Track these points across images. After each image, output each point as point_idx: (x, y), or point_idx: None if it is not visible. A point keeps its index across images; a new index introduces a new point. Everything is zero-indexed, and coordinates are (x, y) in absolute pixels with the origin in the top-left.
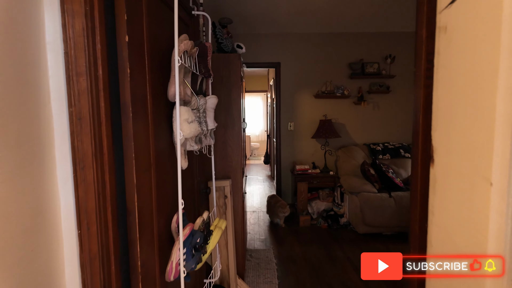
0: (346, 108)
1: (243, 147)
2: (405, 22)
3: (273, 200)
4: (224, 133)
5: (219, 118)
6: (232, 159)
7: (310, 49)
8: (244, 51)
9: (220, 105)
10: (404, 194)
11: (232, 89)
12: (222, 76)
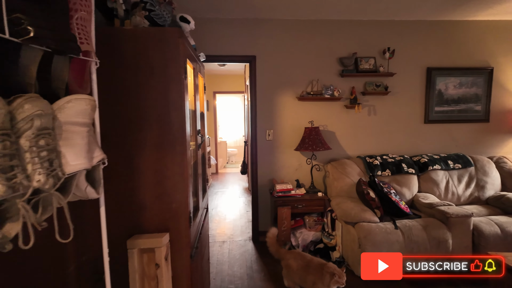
0: (336, 113)
1: (198, 175)
2: (407, 8)
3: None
4: (158, 157)
5: (147, 133)
6: (173, 199)
7: (292, 40)
8: (192, 26)
9: (146, 112)
10: (412, 223)
11: (170, 86)
12: (153, 65)
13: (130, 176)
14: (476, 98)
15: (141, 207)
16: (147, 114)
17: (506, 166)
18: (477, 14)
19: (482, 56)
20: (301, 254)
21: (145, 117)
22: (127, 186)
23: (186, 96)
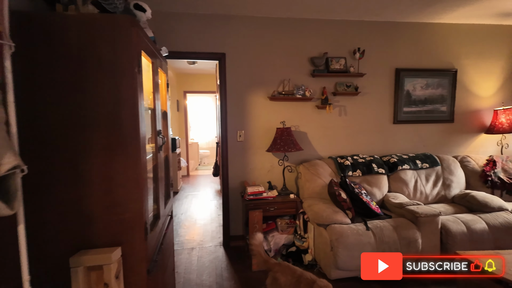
0: (308, 113)
1: (159, 179)
2: (376, 8)
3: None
4: (108, 162)
5: (94, 134)
6: (126, 208)
7: (263, 38)
8: (149, 16)
9: (94, 111)
10: (383, 224)
11: (122, 80)
12: (101, 56)
13: (75, 184)
14: (442, 99)
15: (89, 219)
16: (94, 112)
17: (470, 165)
18: (442, 17)
19: (447, 58)
20: (291, 268)
21: (92, 115)
22: (72, 196)
23: (141, 92)
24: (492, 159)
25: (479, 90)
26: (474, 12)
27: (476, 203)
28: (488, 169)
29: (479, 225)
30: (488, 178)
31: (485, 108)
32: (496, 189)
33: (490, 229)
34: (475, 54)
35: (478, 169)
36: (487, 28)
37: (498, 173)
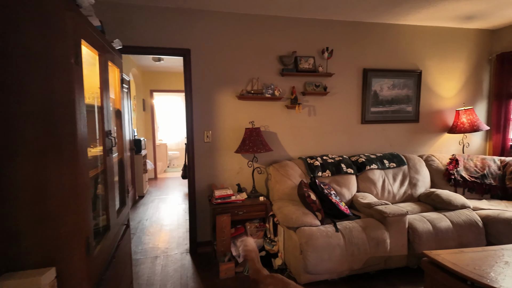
0: (277, 113)
1: (110, 186)
2: (344, 8)
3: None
4: (38, 168)
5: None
6: (61, 221)
7: (231, 35)
8: (92, 1)
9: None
10: (352, 225)
11: (54, 73)
12: (28, 44)
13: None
14: (408, 99)
15: (15, 235)
16: (21, 110)
17: (434, 164)
18: (407, 19)
19: (412, 59)
20: (285, 282)
21: (17, 113)
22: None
23: (80, 87)
24: (454, 158)
25: (442, 91)
26: (437, 14)
27: (441, 202)
28: (451, 167)
29: (444, 223)
30: (451, 177)
31: (448, 108)
32: (458, 187)
33: (454, 226)
34: (438, 56)
35: (442, 168)
36: (449, 30)
37: (460, 172)
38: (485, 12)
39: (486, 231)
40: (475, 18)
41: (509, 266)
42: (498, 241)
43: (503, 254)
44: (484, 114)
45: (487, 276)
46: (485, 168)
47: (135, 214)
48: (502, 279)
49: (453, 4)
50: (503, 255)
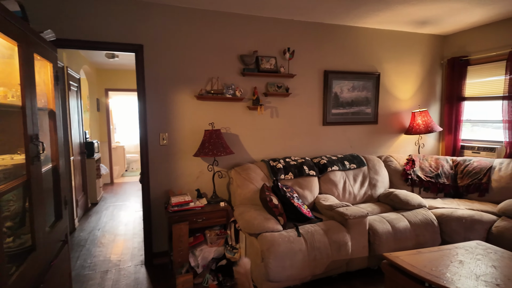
0: (239, 114)
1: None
2: (304, 8)
3: None
4: None
5: None
6: None
7: (188, 31)
8: None
9: None
10: (314, 228)
11: None
12: None
13: None
14: (367, 101)
15: None
16: None
17: (392, 165)
18: (366, 21)
19: (371, 61)
20: None
21: None
22: None
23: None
24: (411, 158)
25: (399, 93)
26: (394, 18)
27: (399, 201)
28: (408, 168)
29: (402, 223)
30: (408, 177)
31: (404, 110)
32: (415, 187)
33: (412, 226)
34: (395, 59)
35: (399, 168)
36: (405, 35)
37: (416, 172)
38: (437, 18)
39: (440, 229)
40: (428, 23)
41: (463, 265)
42: (452, 239)
43: (457, 253)
44: (437, 116)
45: (443, 277)
46: (439, 167)
47: (86, 224)
48: (457, 279)
49: (408, 8)
50: (457, 254)
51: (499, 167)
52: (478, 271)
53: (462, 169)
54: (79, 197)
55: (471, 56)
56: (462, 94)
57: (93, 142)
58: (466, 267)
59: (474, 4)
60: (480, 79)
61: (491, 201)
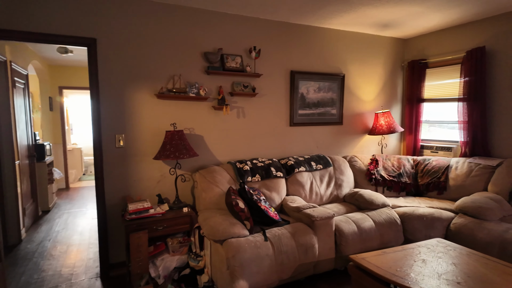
0: (203, 114)
1: None
2: (269, 6)
3: None
4: None
5: None
6: None
7: (148, 25)
8: None
9: None
10: (281, 231)
11: None
12: None
13: None
14: (332, 102)
15: None
16: None
17: (357, 165)
18: (331, 22)
19: (336, 62)
20: None
21: None
22: None
23: None
24: (374, 158)
25: (363, 94)
26: (358, 20)
27: (364, 201)
28: (372, 167)
29: (367, 223)
30: (372, 176)
31: (368, 111)
32: (379, 186)
33: (377, 226)
34: (358, 61)
35: (364, 168)
36: (369, 37)
37: (380, 171)
38: (398, 22)
39: (403, 228)
40: (390, 26)
41: (426, 264)
42: (414, 237)
43: (419, 252)
44: (399, 117)
45: (408, 277)
46: (401, 167)
47: (34, 234)
48: (421, 279)
49: (371, 10)
50: (420, 253)
51: (456, 166)
52: (439, 269)
53: (422, 168)
54: (26, 205)
55: (429, 59)
56: (421, 95)
57: (44, 144)
58: (428, 266)
59: (432, 9)
60: (438, 82)
61: (449, 198)
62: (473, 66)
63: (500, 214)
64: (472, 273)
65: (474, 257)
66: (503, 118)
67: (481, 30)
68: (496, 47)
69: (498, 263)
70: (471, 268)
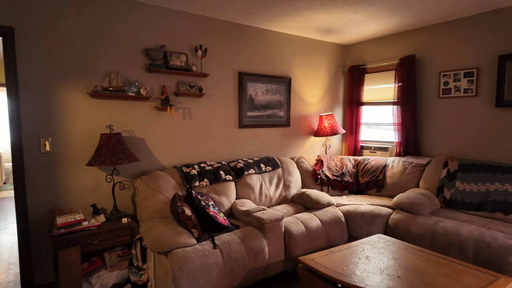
0: (145, 116)
1: None
2: (215, 4)
3: None
4: None
5: None
6: None
7: (78, 15)
8: None
9: None
10: (231, 237)
11: None
12: None
13: None
14: (280, 105)
15: None
16: None
17: (304, 165)
18: (278, 25)
19: (282, 65)
20: None
21: None
22: None
23: None
24: (320, 159)
25: (308, 97)
26: (303, 24)
27: (310, 201)
28: (318, 168)
29: (314, 222)
30: (317, 176)
31: (313, 113)
32: (324, 186)
33: (323, 225)
34: (304, 65)
35: (310, 169)
36: (313, 42)
37: (325, 171)
38: (340, 28)
39: (347, 225)
40: (332, 32)
41: (370, 260)
42: (357, 234)
43: (363, 249)
44: (341, 119)
45: (354, 275)
46: (344, 167)
47: None
48: (366, 276)
49: (316, 15)
50: (364, 250)
51: (392, 164)
52: (382, 265)
53: (363, 168)
54: None
55: (368, 65)
56: (360, 99)
57: None
58: (372, 262)
59: (370, 18)
60: (375, 86)
61: (387, 195)
62: (405, 73)
63: (430, 208)
64: (410, 266)
65: (411, 251)
66: (430, 121)
67: (412, 39)
68: (424, 55)
69: (430, 255)
70: (408, 261)
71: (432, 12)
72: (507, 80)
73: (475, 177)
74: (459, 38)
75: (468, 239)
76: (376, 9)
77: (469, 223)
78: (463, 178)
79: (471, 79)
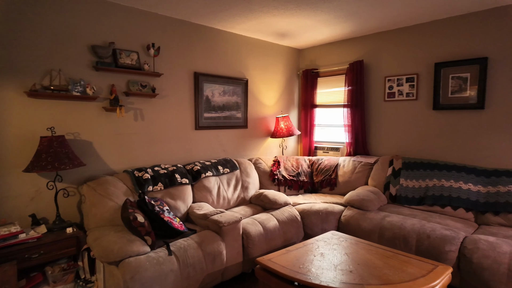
0: (92, 117)
1: None
2: (168, 3)
3: None
4: None
5: None
6: None
7: (14, 5)
8: None
9: None
10: (187, 242)
11: None
12: None
13: None
14: (237, 106)
15: None
16: None
17: (261, 166)
18: (234, 27)
19: (239, 67)
20: None
21: None
22: None
23: None
24: (277, 159)
25: (265, 99)
26: (259, 27)
27: (268, 201)
28: (275, 168)
29: (272, 222)
30: (275, 177)
31: (270, 115)
32: (281, 186)
33: (280, 224)
34: (260, 67)
35: (267, 169)
36: (269, 45)
37: (281, 172)
38: (293, 33)
39: (303, 224)
40: (287, 36)
41: (324, 257)
42: (312, 231)
43: (318, 246)
44: (296, 121)
45: (309, 273)
46: (299, 167)
47: None
48: (321, 273)
49: (270, 18)
50: (318, 247)
51: (343, 164)
52: (335, 261)
53: (317, 167)
54: None
55: (320, 69)
56: (314, 102)
57: None
58: (326, 258)
59: (322, 23)
60: (327, 89)
61: (339, 193)
62: (354, 77)
63: (378, 205)
64: (361, 260)
65: (361, 245)
66: (377, 122)
67: (360, 45)
68: (371, 61)
69: (379, 248)
70: (359, 256)
71: (377, 21)
72: (442, 85)
73: (416, 174)
74: (401, 46)
75: (411, 232)
76: (327, 15)
77: (412, 217)
78: (406, 176)
79: (412, 84)
